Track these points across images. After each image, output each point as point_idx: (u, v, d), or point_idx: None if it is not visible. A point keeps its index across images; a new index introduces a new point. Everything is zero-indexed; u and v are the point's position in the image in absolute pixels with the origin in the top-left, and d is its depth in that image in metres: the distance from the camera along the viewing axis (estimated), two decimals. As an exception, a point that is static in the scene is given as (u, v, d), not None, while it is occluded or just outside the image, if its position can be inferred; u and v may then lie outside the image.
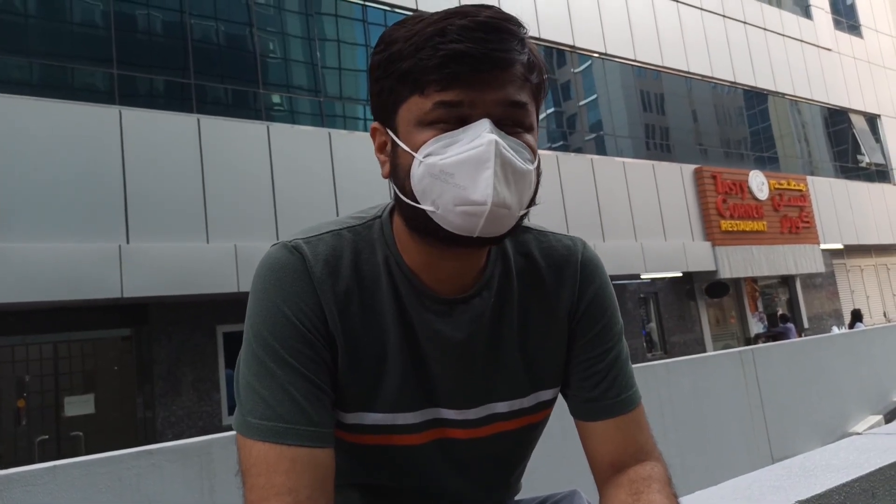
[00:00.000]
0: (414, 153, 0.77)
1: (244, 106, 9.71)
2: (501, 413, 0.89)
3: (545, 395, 0.92)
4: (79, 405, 8.93)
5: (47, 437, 8.67)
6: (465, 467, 0.89)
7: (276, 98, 10.15)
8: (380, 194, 9.21)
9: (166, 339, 9.03)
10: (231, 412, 9.37)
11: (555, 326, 0.91)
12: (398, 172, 0.81)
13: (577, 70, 13.94)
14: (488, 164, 0.73)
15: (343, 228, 0.88)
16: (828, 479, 1.11)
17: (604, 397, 0.90)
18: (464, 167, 0.74)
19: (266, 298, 0.81)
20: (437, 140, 0.76)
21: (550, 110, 13.64)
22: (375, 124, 0.86)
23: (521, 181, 0.77)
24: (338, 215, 0.92)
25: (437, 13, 0.78)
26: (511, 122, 0.78)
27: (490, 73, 0.75)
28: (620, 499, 0.82)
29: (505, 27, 0.76)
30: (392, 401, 0.84)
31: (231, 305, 9.34)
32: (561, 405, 0.98)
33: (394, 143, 0.81)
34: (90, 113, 8.11)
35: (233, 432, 2.35)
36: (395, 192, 0.82)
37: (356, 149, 10.00)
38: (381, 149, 0.85)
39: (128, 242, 8.03)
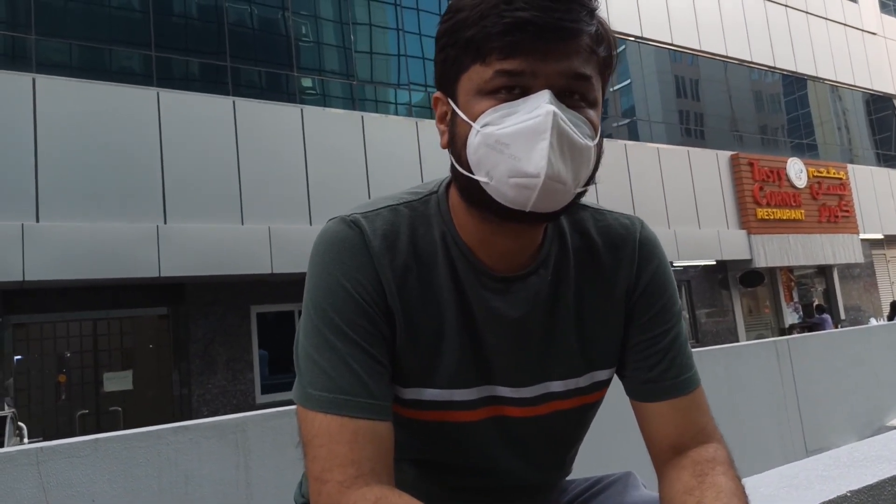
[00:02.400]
0: (472, 122, 0.76)
1: (278, 89, 9.77)
2: (557, 392, 0.88)
3: (601, 375, 0.91)
4: (117, 381, 9.16)
5: (87, 411, 8.92)
6: (519, 445, 0.89)
7: (308, 82, 10.19)
8: (412, 178, 9.24)
9: (202, 318, 9.20)
10: (264, 392, 9.52)
11: (612, 306, 0.90)
12: (455, 142, 0.80)
13: (612, 54, 13.72)
14: (544, 135, 0.71)
15: (400, 204, 0.87)
16: (879, 470, 1.09)
17: (663, 378, 0.88)
18: (519, 138, 0.72)
19: (325, 272, 0.82)
20: (496, 110, 0.74)
21: (584, 95, 13.46)
22: (438, 94, 0.85)
23: (578, 156, 0.75)
24: (370, 199, 0.91)
25: None
26: (574, 95, 0.76)
27: (554, 43, 0.73)
28: (683, 480, 0.80)
29: None
30: (449, 377, 0.84)
31: (265, 287, 9.47)
32: (615, 387, 0.97)
33: (453, 112, 0.80)
34: (129, 94, 8.24)
35: (267, 410, 2.38)
36: (452, 163, 0.82)
37: (388, 133, 10.01)
38: (441, 119, 0.84)
39: (165, 223, 8.16)
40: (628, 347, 0.91)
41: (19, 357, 8.72)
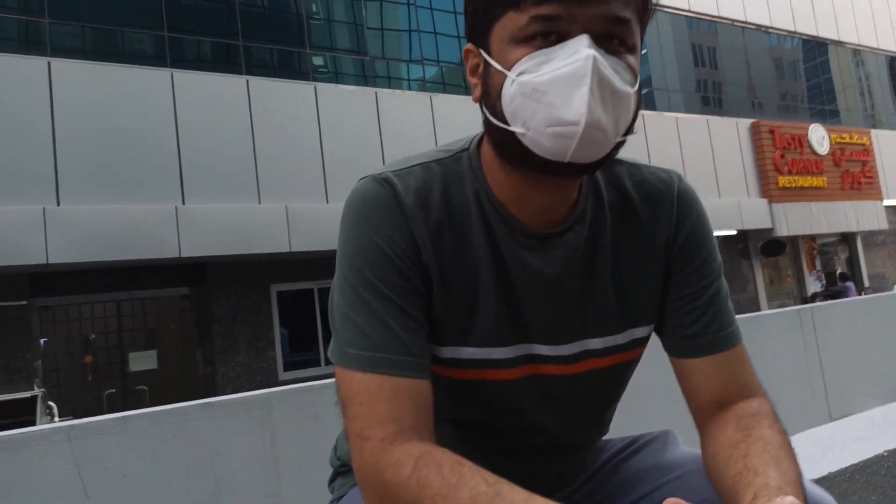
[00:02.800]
0: (507, 72, 0.73)
1: (291, 68, 9.74)
2: (595, 350, 0.86)
3: (639, 332, 0.89)
4: (142, 361, 9.32)
5: (114, 390, 9.09)
6: (557, 404, 0.88)
7: (321, 59, 10.15)
8: (428, 153, 9.20)
9: (223, 298, 9.29)
10: (286, 369, 9.63)
11: (650, 261, 0.88)
12: (490, 93, 0.77)
13: (627, 22, 13.51)
14: (584, 80, 0.69)
15: (432, 161, 0.85)
16: (916, 430, 1.07)
17: (704, 333, 0.86)
18: (558, 85, 0.70)
19: (359, 230, 0.80)
20: (532, 57, 0.72)
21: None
22: (469, 46, 0.82)
23: (618, 103, 0.72)
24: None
25: None
26: (612, 40, 0.73)
27: None
28: (728, 435, 0.79)
29: None
30: (486, 335, 0.82)
31: (283, 265, 9.53)
32: (650, 348, 0.94)
33: (486, 63, 0.77)
34: (143, 76, 8.26)
35: (292, 386, 2.39)
36: (485, 116, 0.79)
37: (402, 108, 9.96)
38: (472, 71, 0.81)
39: (183, 203, 8.22)
40: (668, 303, 0.89)
41: (45, 339, 8.89)
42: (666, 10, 13.91)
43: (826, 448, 1.06)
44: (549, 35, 0.72)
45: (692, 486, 0.70)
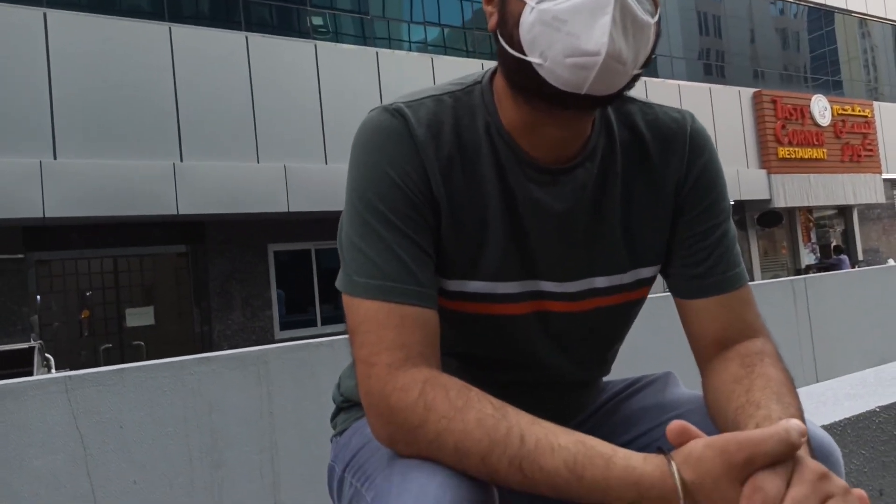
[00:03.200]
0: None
1: (290, 26, 9.59)
2: (601, 288, 0.87)
3: (645, 272, 0.89)
4: (139, 317, 9.36)
5: (111, 345, 9.15)
6: (561, 341, 0.88)
7: (320, 19, 9.98)
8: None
9: (220, 256, 9.30)
10: (283, 328, 9.69)
11: (659, 201, 0.88)
12: (507, 22, 0.75)
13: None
14: (607, 8, 0.68)
15: (444, 94, 0.84)
16: (908, 388, 1.09)
17: (710, 274, 0.87)
18: (580, 13, 0.68)
19: (370, 161, 0.80)
20: None
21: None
22: None
23: (639, 33, 0.71)
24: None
25: None
26: None
27: None
28: (731, 371, 0.79)
29: None
30: (493, 270, 0.83)
31: (281, 225, 9.52)
32: (653, 294, 0.95)
33: None
34: (141, 29, 8.13)
35: (287, 343, 2.41)
36: (501, 45, 0.78)
37: (403, 69, 9.84)
38: (489, 0, 0.80)
39: (181, 160, 8.17)
40: (676, 243, 0.89)
41: (40, 295, 8.91)
42: (672, -25, 13.70)
43: (819, 403, 1.08)
44: None
45: (692, 423, 0.73)
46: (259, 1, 9.32)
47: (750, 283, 0.91)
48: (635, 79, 0.76)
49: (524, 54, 0.73)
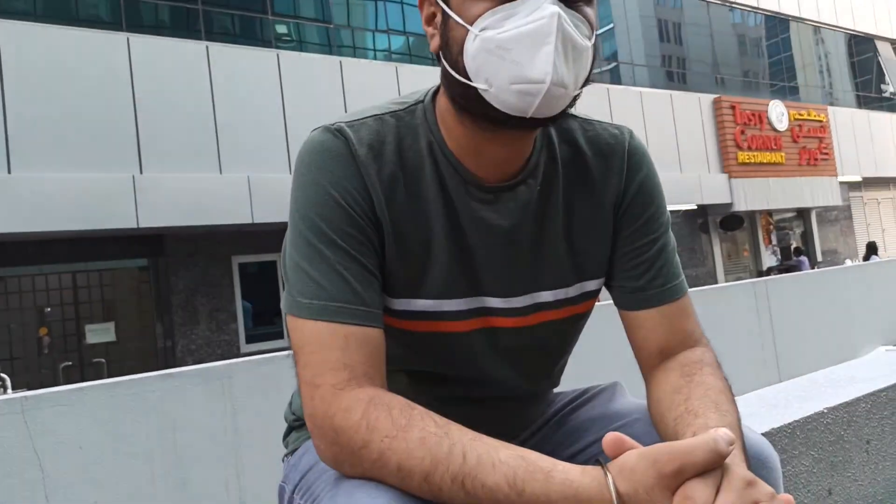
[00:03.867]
0: (468, 26, 0.72)
1: (253, 35, 9.52)
2: (546, 302, 0.88)
3: (590, 285, 0.91)
4: (100, 333, 9.14)
5: (71, 363, 8.91)
6: (509, 356, 0.89)
7: (283, 27, 9.93)
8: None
9: (183, 269, 9.14)
10: (249, 342, 9.55)
11: (600, 216, 0.89)
12: (450, 47, 0.76)
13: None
14: (549, 38, 0.69)
15: (385, 113, 0.85)
16: (854, 390, 1.12)
17: (650, 286, 0.89)
18: (522, 42, 0.70)
19: (312, 181, 0.79)
20: (495, 12, 0.71)
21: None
22: None
23: (579, 58, 0.73)
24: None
25: None
26: None
27: None
28: (672, 381, 0.81)
29: None
30: (438, 288, 0.83)
31: (246, 237, 9.40)
32: (599, 306, 0.97)
33: (445, 14, 0.76)
34: (97, 40, 7.98)
35: (253, 357, 2.37)
36: (445, 69, 0.78)
37: (367, 78, 9.82)
38: (429, 21, 0.81)
39: (141, 172, 8.03)
40: (617, 257, 0.91)
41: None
42: (632, -17, 13.93)
43: (770, 406, 1.10)
44: None
45: (637, 432, 0.73)
46: (220, 10, 9.23)
47: (714, 286, 0.92)
48: (576, 98, 0.77)
49: (469, 80, 0.74)
